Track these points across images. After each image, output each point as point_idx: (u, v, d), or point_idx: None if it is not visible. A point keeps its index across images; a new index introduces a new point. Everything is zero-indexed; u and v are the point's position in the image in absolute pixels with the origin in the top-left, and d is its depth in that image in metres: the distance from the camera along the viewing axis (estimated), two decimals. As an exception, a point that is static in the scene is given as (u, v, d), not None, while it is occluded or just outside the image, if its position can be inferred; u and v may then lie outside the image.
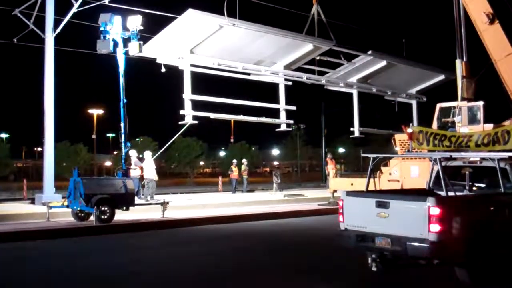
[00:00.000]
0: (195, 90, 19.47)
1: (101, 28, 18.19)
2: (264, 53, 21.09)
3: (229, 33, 19.20)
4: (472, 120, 18.41)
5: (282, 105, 22.34)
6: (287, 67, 22.24)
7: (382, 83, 26.27)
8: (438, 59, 44.73)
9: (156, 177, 22.16)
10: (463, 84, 19.16)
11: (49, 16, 20.91)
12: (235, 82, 21.47)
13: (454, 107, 18.90)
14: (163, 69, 19.12)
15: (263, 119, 22.06)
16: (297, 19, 23.01)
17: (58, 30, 20.97)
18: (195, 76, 19.60)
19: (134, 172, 21.09)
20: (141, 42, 18.22)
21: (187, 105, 19.23)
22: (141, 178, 21.99)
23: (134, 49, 18.06)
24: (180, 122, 19.58)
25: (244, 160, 33.64)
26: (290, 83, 22.52)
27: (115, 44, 18.35)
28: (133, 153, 21.64)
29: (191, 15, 17.77)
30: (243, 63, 20.81)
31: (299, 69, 22.85)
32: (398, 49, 27.24)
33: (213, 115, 20.41)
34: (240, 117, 21.76)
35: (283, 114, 22.44)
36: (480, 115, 18.30)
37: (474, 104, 18.65)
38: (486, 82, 19.39)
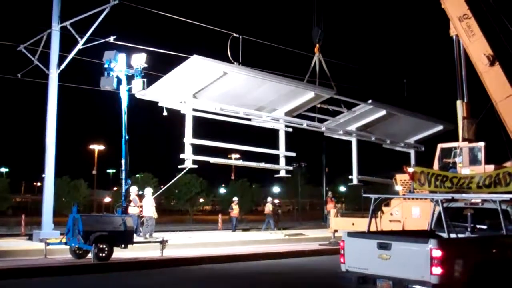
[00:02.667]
0: (196, 132, 19.37)
1: (105, 65, 18.30)
2: (266, 99, 21.12)
3: (232, 79, 19.23)
4: (473, 161, 18.42)
5: (282, 151, 22.25)
6: (288, 113, 22.22)
7: (381, 131, 26.27)
8: (439, 101, 45.08)
9: (155, 215, 22.00)
10: (464, 125, 19.26)
11: (54, 53, 21.11)
12: (236, 125, 21.47)
13: (455, 148, 18.94)
14: (165, 113, 19.19)
15: (262, 165, 21.92)
16: (301, 59, 23.26)
17: (63, 66, 21.15)
18: (197, 119, 19.63)
19: (132, 210, 20.91)
20: (145, 80, 18.33)
21: (188, 149, 19.13)
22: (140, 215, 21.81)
23: (137, 86, 18.15)
24: (180, 166, 19.46)
25: (269, 199, 33.38)
26: (290, 129, 22.54)
27: (119, 81, 18.45)
28: (133, 190, 21.50)
29: (196, 61, 17.77)
30: (244, 109, 20.75)
31: (299, 115, 22.86)
32: (399, 90, 27.46)
33: (212, 160, 20.21)
34: (239, 163, 21.79)
35: (282, 161, 22.36)
36: (481, 156, 18.32)
37: (475, 145, 18.71)
38: (487, 123, 19.48)
